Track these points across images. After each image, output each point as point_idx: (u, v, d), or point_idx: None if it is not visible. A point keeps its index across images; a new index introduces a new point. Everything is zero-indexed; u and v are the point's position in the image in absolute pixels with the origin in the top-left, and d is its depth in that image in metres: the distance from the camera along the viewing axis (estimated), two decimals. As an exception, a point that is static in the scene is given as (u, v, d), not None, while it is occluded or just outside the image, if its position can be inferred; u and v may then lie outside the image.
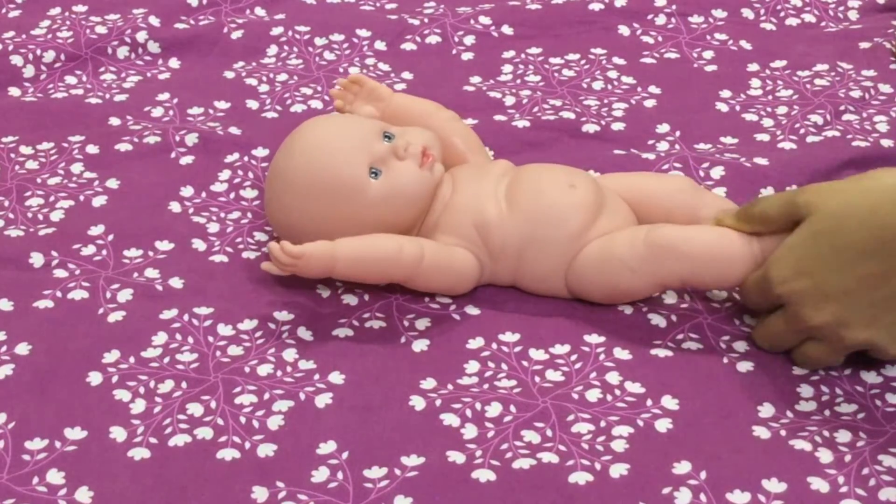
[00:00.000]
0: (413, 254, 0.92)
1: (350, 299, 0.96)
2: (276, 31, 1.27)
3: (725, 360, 0.91)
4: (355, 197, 0.94)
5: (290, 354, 0.91)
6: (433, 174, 0.96)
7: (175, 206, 1.06)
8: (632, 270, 0.92)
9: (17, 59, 1.22)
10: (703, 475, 0.82)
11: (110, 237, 1.02)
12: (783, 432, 0.85)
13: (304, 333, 0.93)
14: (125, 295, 0.96)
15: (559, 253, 0.94)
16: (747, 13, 1.29)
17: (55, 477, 0.82)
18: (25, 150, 1.12)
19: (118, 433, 0.85)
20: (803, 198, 0.87)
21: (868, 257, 0.83)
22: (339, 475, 0.82)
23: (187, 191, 1.07)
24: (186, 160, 1.10)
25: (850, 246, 0.84)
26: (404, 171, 0.95)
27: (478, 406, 0.87)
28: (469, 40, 1.26)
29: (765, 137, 1.12)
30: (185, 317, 0.94)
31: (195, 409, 0.87)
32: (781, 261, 0.87)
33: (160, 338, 0.93)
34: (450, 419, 0.86)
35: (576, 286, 0.94)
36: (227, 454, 0.84)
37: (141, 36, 1.25)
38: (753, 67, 1.22)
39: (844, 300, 0.85)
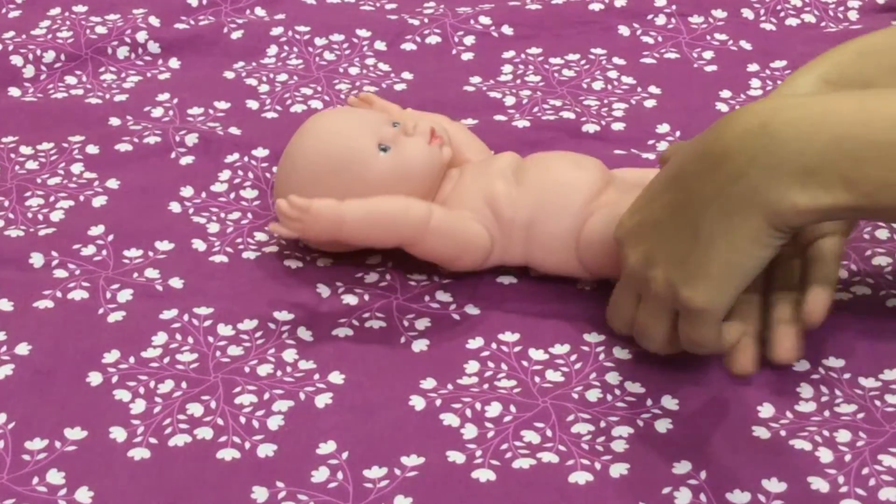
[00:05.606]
0: (421, 211, 0.92)
1: (350, 299, 0.96)
2: (276, 31, 1.27)
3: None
4: (363, 172, 0.95)
5: (290, 354, 0.91)
6: (442, 153, 0.96)
7: (175, 206, 1.06)
8: None
9: (17, 59, 1.22)
10: (703, 475, 0.82)
11: (110, 237, 1.02)
12: (783, 432, 0.85)
13: (304, 333, 0.93)
14: (125, 295, 0.96)
15: (569, 221, 0.94)
16: (747, 13, 1.29)
17: (55, 477, 0.82)
18: (25, 150, 1.12)
19: (118, 433, 0.85)
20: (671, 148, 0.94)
21: (666, 188, 0.83)
22: (339, 475, 0.82)
23: (187, 191, 1.07)
24: (186, 160, 1.10)
25: (657, 179, 0.85)
26: (412, 146, 0.96)
27: (478, 406, 0.87)
28: (469, 40, 1.26)
29: (765, 137, 1.12)
30: (185, 317, 0.94)
31: (195, 409, 0.87)
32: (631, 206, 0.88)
33: (160, 338, 0.93)
34: (450, 419, 0.86)
35: (587, 255, 0.94)
36: (227, 454, 0.84)
37: (141, 36, 1.25)
38: (753, 67, 1.22)
39: (653, 233, 0.83)
